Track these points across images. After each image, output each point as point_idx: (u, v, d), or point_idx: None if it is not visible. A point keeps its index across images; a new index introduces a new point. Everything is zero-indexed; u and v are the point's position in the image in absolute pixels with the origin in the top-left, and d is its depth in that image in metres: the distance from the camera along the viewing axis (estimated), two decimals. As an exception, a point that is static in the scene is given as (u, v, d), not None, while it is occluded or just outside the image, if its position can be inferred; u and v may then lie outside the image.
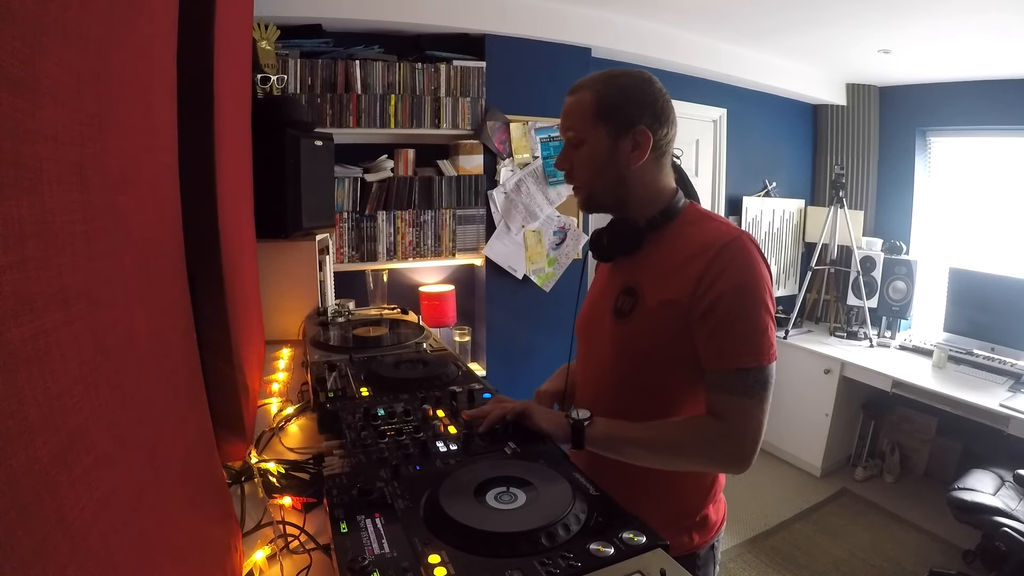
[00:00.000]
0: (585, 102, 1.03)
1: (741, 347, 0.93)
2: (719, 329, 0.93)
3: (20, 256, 0.28)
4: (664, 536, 1.02)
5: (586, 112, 1.02)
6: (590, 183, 1.06)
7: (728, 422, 0.93)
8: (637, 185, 1.04)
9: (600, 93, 1.02)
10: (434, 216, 2.62)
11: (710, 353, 0.95)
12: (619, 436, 0.96)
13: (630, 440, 0.95)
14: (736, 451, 0.93)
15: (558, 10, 2.77)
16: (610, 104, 1.01)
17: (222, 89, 0.93)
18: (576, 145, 1.05)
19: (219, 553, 0.64)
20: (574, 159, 1.06)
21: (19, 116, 0.28)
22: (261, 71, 2.00)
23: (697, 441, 0.95)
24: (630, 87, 1.02)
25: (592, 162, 1.04)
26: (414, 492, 0.74)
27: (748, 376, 0.92)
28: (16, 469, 0.26)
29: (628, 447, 0.95)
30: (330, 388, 1.11)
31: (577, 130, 1.04)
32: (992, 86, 3.38)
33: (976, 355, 3.19)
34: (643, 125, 1.00)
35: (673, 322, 0.97)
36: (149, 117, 0.53)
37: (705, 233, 1.00)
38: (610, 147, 1.02)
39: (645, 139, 1.01)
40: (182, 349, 0.61)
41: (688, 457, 0.97)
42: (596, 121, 1.02)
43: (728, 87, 3.62)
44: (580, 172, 1.06)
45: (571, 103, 1.06)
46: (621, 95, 1.01)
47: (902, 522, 3.13)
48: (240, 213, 1.22)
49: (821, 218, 3.92)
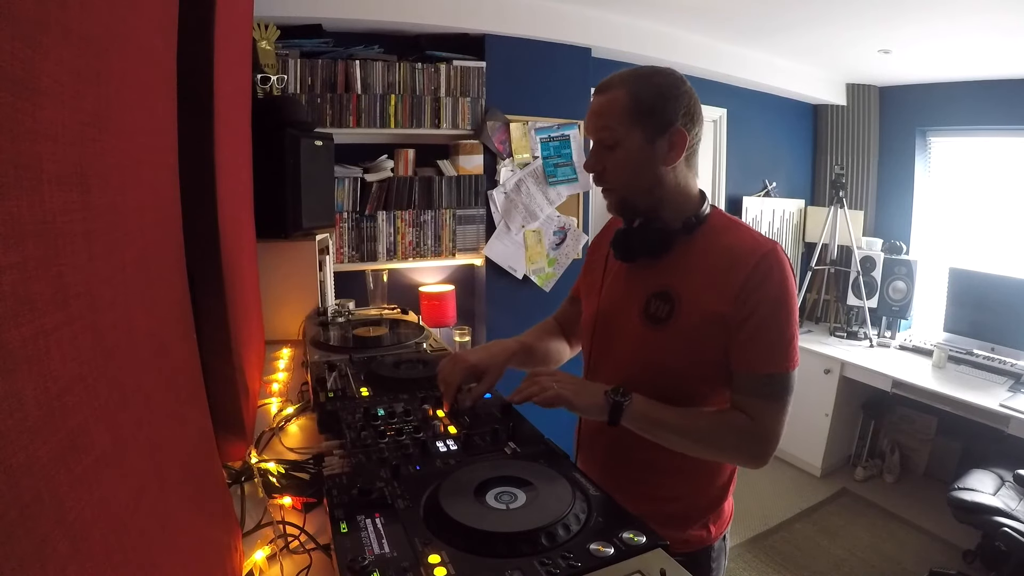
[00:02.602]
0: (619, 101, 0.99)
1: (773, 354, 0.96)
2: (755, 336, 0.96)
3: (20, 256, 0.28)
4: (687, 529, 1.09)
5: (621, 112, 0.99)
6: (625, 186, 1.03)
7: (757, 422, 0.96)
8: (671, 187, 1.03)
9: (635, 93, 0.98)
10: (434, 216, 2.62)
11: (743, 358, 0.97)
12: (655, 417, 0.97)
13: (664, 423, 0.97)
14: (760, 449, 0.98)
15: (558, 10, 2.77)
16: (647, 104, 0.98)
17: (222, 89, 0.93)
18: (610, 146, 1.01)
19: (219, 553, 0.64)
20: (607, 161, 1.02)
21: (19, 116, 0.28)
22: (261, 71, 2.00)
23: (728, 435, 0.98)
24: (666, 86, 0.99)
25: (628, 164, 1.00)
26: (414, 492, 0.74)
27: (776, 381, 0.96)
28: (16, 469, 0.26)
29: (661, 429, 0.97)
30: (330, 388, 1.11)
31: (611, 130, 1.00)
32: (992, 86, 3.38)
33: (976, 355, 3.19)
34: (679, 125, 0.98)
35: (717, 333, 0.98)
36: (149, 117, 0.53)
37: (742, 242, 1.00)
38: (646, 148, 0.99)
39: (681, 139, 0.99)
40: (182, 349, 0.61)
41: (716, 448, 1.01)
42: (632, 121, 0.98)
43: (728, 87, 3.62)
44: (614, 174, 1.03)
45: (603, 102, 1.01)
46: (658, 95, 0.98)
47: (902, 522, 3.13)
48: (240, 213, 1.22)
49: (821, 218, 3.92)
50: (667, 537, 1.02)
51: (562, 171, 2.89)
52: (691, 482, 1.09)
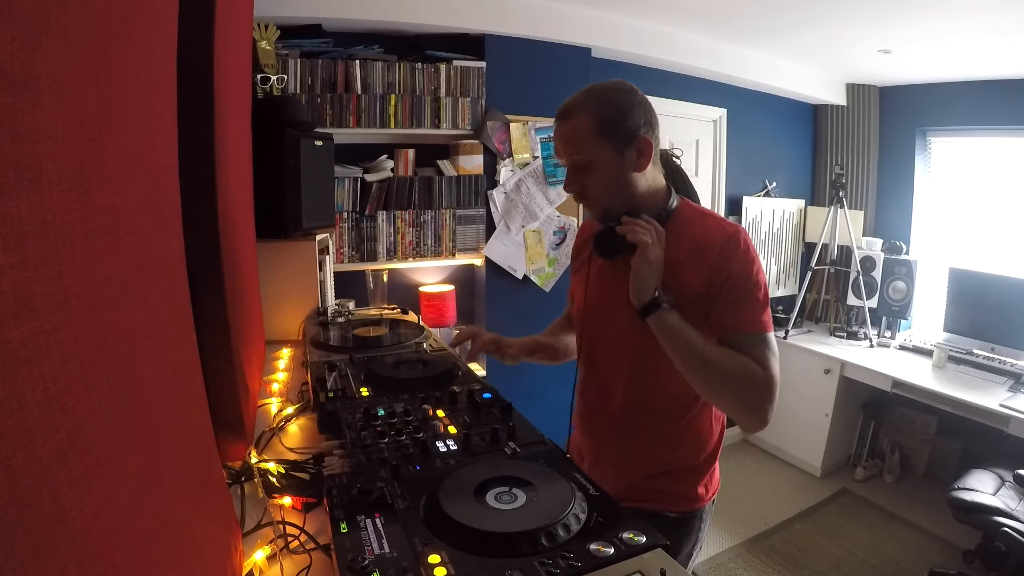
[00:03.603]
0: (583, 126, 1.07)
1: (750, 315, 1.05)
2: (730, 303, 1.05)
3: (20, 256, 0.28)
4: (687, 485, 1.17)
5: (587, 134, 1.06)
6: (606, 198, 1.11)
7: (761, 366, 1.02)
8: (644, 189, 1.11)
9: (596, 113, 1.06)
10: (434, 216, 2.62)
11: (724, 323, 1.05)
12: (683, 332, 1.03)
13: (689, 341, 1.02)
14: (762, 395, 1.01)
15: (558, 10, 2.77)
16: (609, 121, 1.05)
17: (222, 89, 0.93)
18: (584, 168, 1.09)
19: (219, 553, 0.64)
20: (584, 181, 1.10)
21: (19, 116, 0.28)
22: (261, 71, 2.00)
23: (738, 368, 1.01)
24: (621, 101, 1.07)
25: (605, 179, 1.09)
26: (414, 492, 0.74)
27: (759, 339, 1.04)
28: (16, 469, 0.26)
29: (682, 340, 1.03)
30: (330, 388, 1.11)
31: (582, 153, 1.08)
32: (992, 86, 3.38)
33: (976, 355, 3.19)
34: (642, 134, 1.07)
35: (698, 311, 1.06)
36: (149, 117, 0.53)
37: (709, 229, 1.10)
38: (618, 161, 1.07)
39: (647, 146, 1.07)
40: (182, 349, 0.61)
41: (726, 378, 1.02)
42: (599, 141, 1.06)
43: (728, 87, 3.62)
44: (594, 190, 1.11)
45: (568, 129, 1.09)
46: (617, 111, 1.06)
47: (902, 522, 3.13)
48: (240, 213, 1.22)
49: (821, 218, 3.92)
50: (668, 492, 1.19)
51: (562, 171, 2.88)
52: (687, 445, 1.17)
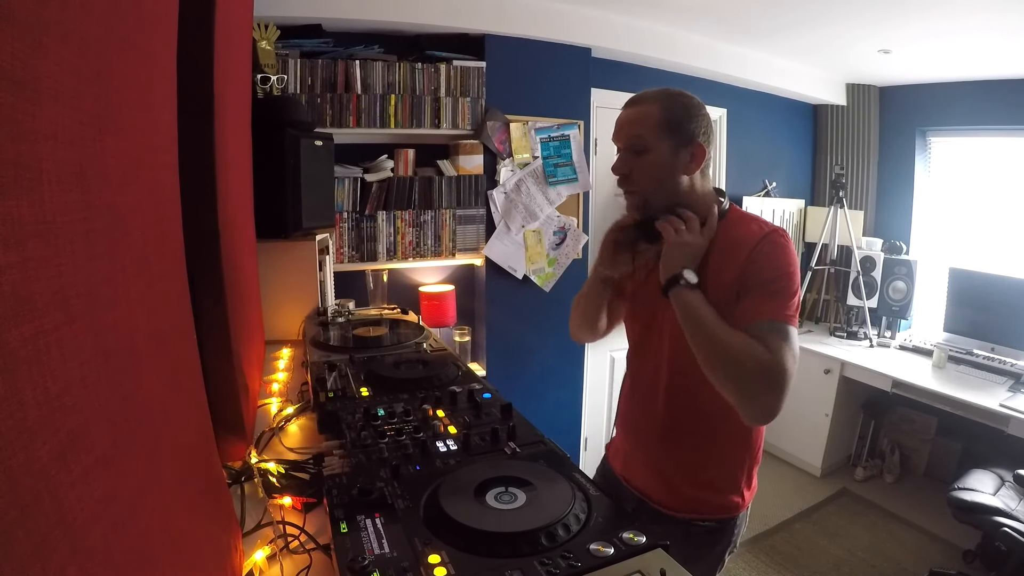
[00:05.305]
0: (652, 114, 1.13)
1: (774, 304, 1.07)
2: (757, 292, 1.08)
3: (20, 256, 0.28)
4: (727, 494, 1.21)
5: (654, 123, 1.13)
6: (649, 187, 1.16)
7: (773, 354, 1.02)
8: (686, 192, 1.17)
9: (667, 108, 1.13)
10: (434, 216, 2.61)
11: (748, 311, 1.08)
12: (698, 309, 1.08)
13: (702, 318, 1.07)
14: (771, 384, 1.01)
15: (558, 10, 2.77)
16: (676, 119, 1.12)
17: (222, 89, 0.93)
18: (639, 152, 1.15)
19: (219, 553, 0.64)
20: (635, 165, 1.16)
21: (19, 116, 0.28)
22: (261, 71, 2.00)
23: (749, 355, 1.02)
24: (691, 107, 1.14)
25: (654, 169, 1.14)
26: (414, 492, 0.74)
27: (779, 327, 1.05)
28: (16, 469, 0.26)
29: (696, 320, 1.07)
30: (330, 388, 1.11)
31: (643, 138, 1.13)
32: (992, 86, 3.38)
33: (976, 355, 3.19)
34: (700, 141, 1.14)
35: (731, 302, 1.10)
36: (149, 117, 0.53)
37: (750, 228, 1.16)
38: (671, 157, 1.13)
39: (701, 153, 1.14)
40: (182, 349, 0.61)
41: (734, 364, 1.03)
42: (662, 132, 1.12)
43: (728, 87, 3.61)
44: (640, 177, 1.16)
45: (635, 113, 1.15)
46: (685, 112, 1.13)
47: (902, 522, 3.13)
48: (240, 213, 1.22)
49: (821, 218, 3.92)
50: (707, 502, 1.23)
51: (562, 171, 2.89)
52: (730, 452, 1.21)
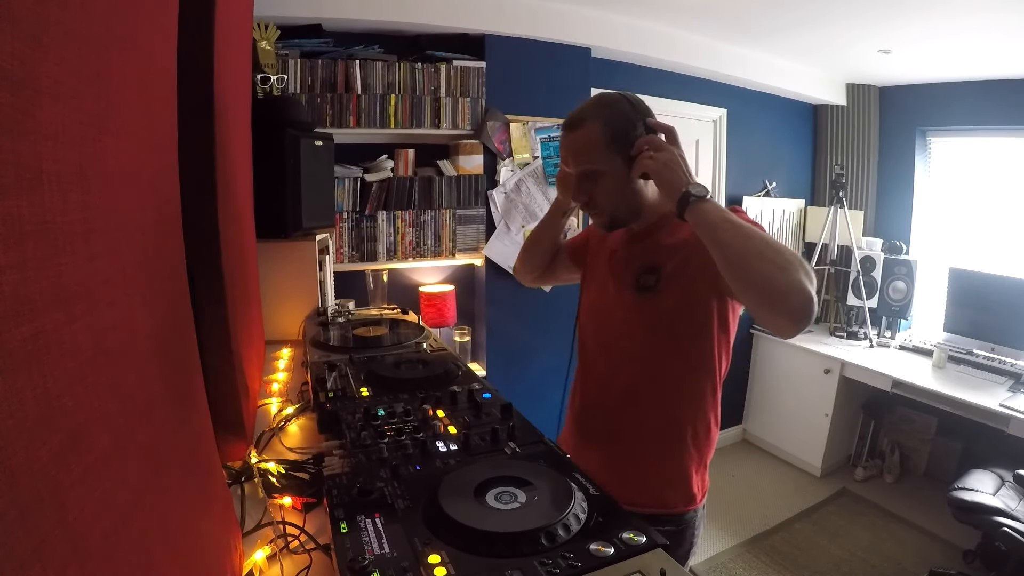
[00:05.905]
0: (595, 134, 1.07)
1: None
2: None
3: (20, 256, 0.28)
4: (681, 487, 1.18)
5: (601, 144, 1.07)
6: (614, 208, 1.13)
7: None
8: (651, 197, 1.14)
9: (608, 123, 1.06)
10: (434, 216, 2.61)
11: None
12: (726, 213, 0.98)
13: (732, 220, 0.96)
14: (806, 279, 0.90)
15: (558, 10, 2.77)
16: (621, 130, 1.06)
17: (222, 89, 0.93)
18: (593, 178, 1.10)
19: (219, 553, 0.64)
20: (594, 190, 1.11)
21: (19, 116, 0.28)
22: (261, 71, 2.00)
23: (785, 249, 0.93)
24: (629, 111, 1.08)
25: (614, 189, 1.10)
26: (414, 492, 0.73)
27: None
28: (16, 469, 0.26)
29: (727, 221, 0.96)
30: (330, 388, 1.11)
31: (594, 163, 1.08)
32: (992, 86, 3.38)
33: (976, 355, 3.19)
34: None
35: (705, 283, 1.07)
36: (149, 117, 0.53)
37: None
38: (625, 169, 1.08)
39: None
40: (182, 349, 0.61)
41: (775, 255, 0.92)
42: (609, 151, 1.07)
43: (728, 87, 3.62)
44: (603, 200, 1.12)
45: (579, 137, 1.09)
46: (626, 120, 1.07)
47: (902, 522, 3.13)
48: (240, 213, 1.22)
49: (821, 218, 3.92)
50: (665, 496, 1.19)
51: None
52: (679, 442, 1.17)
